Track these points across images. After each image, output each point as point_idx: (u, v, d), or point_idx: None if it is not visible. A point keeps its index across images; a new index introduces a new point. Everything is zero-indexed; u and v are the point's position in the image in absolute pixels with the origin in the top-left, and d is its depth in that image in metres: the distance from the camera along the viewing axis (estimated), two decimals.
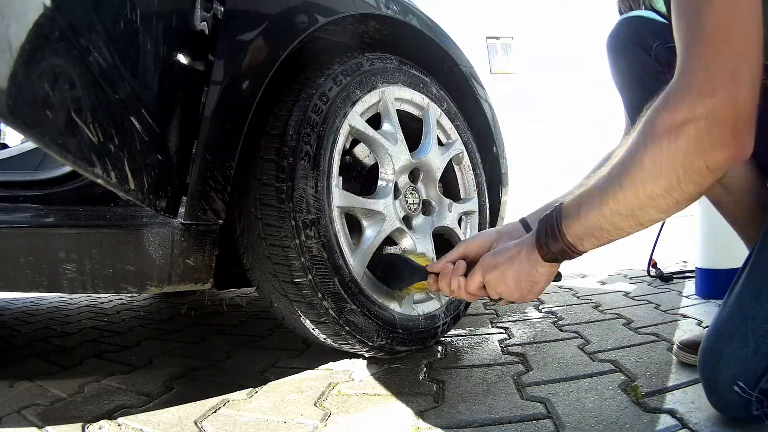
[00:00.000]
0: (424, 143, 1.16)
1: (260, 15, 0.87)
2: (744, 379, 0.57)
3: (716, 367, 0.60)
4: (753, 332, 0.57)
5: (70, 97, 0.54)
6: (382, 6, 1.10)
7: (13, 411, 0.84)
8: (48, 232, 0.78)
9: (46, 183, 0.85)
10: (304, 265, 0.87)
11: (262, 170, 0.89)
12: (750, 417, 0.59)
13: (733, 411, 0.60)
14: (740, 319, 0.59)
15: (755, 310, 0.58)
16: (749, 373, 0.57)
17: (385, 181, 1.06)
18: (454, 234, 1.20)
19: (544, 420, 0.68)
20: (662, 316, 1.19)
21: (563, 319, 1.28)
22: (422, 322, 1.06)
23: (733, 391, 0.58)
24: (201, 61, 0.81)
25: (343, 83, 0.98)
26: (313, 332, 0.95)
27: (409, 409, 0.76)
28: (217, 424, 0.76)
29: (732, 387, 0.58)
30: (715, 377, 0.60)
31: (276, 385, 0.93)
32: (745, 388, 0.57)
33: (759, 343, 0.57)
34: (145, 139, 0.69)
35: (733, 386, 0.58)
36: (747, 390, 0.57)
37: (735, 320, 0.60)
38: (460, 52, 1.35)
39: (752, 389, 0.57)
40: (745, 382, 0.57)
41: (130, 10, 0.65)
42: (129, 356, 1.19)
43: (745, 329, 0.58)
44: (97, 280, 0.77)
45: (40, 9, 0.49)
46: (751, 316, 0.58)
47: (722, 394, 0.59)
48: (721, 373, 0.59)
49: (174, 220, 0.78)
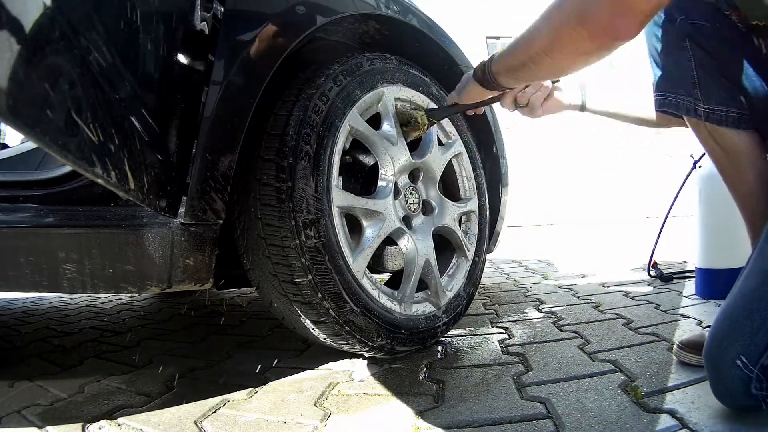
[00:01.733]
0: (424, 143, 1.16)
1: (260, 15, 0.87)
2: (747, 354, 0.59)
3: (723, 342, 0.62)
4: (758, 310, 0.61)
5: (70, 97, 0.54)
6: (382, 6, 1.10)
7: (13, 411, 0.84)
8: (48, 232, 0.78)
9: (46, 183, 0.85)
10: (304, 265, 0.87)
11: (262, 170, 0.89)
12: (748, 399, 0.60)
13: (734, 390, 0.61)
14: (749, 299, 0.62)
15: (761, 292, 0.61)
16: (752, 348, 0.59)
17: (385, 181, 1.06)
18: (455, 234, 1.20)
19: (544, 420, 0.68)
20: (662, 316, 1.19)
21: (563, 319, 1.28)
22: (422, 322, 1.06)
23: (736, 366, 0.60)
24: (201, 61, 0.81)
25: (343, 83, 0.98)
26: (313, 332, 0.95)
27: (409, 409, 0.76)
28: (217, 424, 0.76)
29: (735, 362, 0.60)
30: (721, 353, 0.62)
31: (276, 385, 0.93)
32: (747, 363, 0.59)
33: (763, 321, 0.59)
34: (145, 139, 0.69)
35: (736, 360, 0.60)
36: (749, 365, 0.59)
37: (745, 299, 0.63)
38: (460, 52, 1.35)
39: (754, 365, 0.59)
40: (747, 357, 0.59)
41: (130, 10, 0.65)
42: (129, 356, 1.19)
43: (752, 307, 0.61)
44: (97, 280, 0.77)
45: (40, 9, 0.49)
46: (758, 297, 0.61)
47: (725, 369, 0.61)
48: (726, 348, 0.61)
49: (174, 220, 0.78)
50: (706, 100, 0.80)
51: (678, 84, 0.82)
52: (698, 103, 0.80)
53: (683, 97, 0.82)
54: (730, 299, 0.65)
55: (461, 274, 1.22)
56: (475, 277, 1.26)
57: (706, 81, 0.80)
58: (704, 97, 0.80)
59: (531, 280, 2.08)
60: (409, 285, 1.06)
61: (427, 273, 1.10)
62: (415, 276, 1.07)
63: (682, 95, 0.82)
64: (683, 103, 0.82)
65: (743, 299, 0.63)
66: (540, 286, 1.89)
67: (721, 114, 0.79)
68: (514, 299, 1.63)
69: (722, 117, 0.79)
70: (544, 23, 0.68)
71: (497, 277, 2.26)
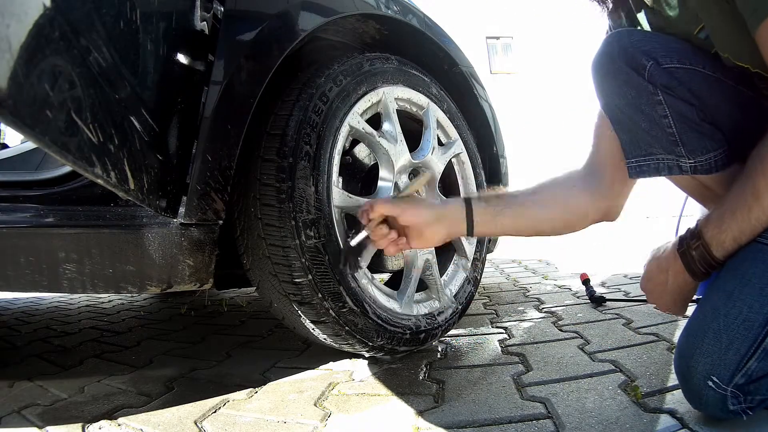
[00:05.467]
0: (424, 143, 1.16)
1: (260, 15, 0.87)
2: (717, 374, 0.58)
3: (690, 362, 0.61)
4: (725, 329, 0.59)
5: (70, 97, 0.54)
6: (382, 6, 1.10)
7: (13, 411, 0.84)
8: (48, 232, 0.78)
9: (46, 183, 0.85)
10: (304, 265, 0.87)
11: (262, 170, 0.89)
12: (727, 413, 0.59)
13: (711, 407, 0.60)
14: (713, 317, 0.61)
15: (727, 309, 0.60)
16: (722, 368, 0.58)
17: (386, 181, 1.06)
18: None
19: (544, 420, 0.68)
20: (662, 316, 1.19)
21: (563, 319, 1.27)
22: (422, 322, 1.06)
23: (708, 386, 0.59)
24: (201, 61, 0.81)
25: (343, 83, 0.98)
26: (313, 332, 0.95)
27: (409, 409, 0.76)
28: (217, 424, 0.76)
29: (706, 382, 0.59)
30: (690, 373, 0.61)
31: (276, 385, 0.93)
32: (719, 383, 0.58)
33: (732, 339, 0.58)
34: (145, 139, 0.69)
35: (708, 381, 0.59)
36: (721, 385, 0.58)
37: (708, 319, 0.61)
38: (460, 52, 1.35)
39: (726, 384, 0.58)
40: (718, 377, 0.58)
41: (130, 9, 0.65)
42: (129, 356, 1.19)
43: (718, 326, 0.60)
44: (97, 280, 0.77)
45: (40, 9, 0.49)
46: (723, 313, 0.60)
47: (698, 389, 0.60)
48: (695, 368, 0.60)
49: (174, 220, 0.78)
50: (690, 154, 0.71)
51: (655, 144, 0.73)
52: (681, 159, 0.72)
53: (662, 156, 0.73)
54: (696, 319, 0.64)
55: (461, 274, 1.22)
56: (475, 277, 1.26)
57: (687, 135, 0.71)
58: (688, 152, 0.71)
59: (531, 280, 2.08)
60: (409, 285, 1.06)
61: (427, 273, 1.10)
62: (415, 276, 1.07)
63: (661, 155, 0.73)
64: (664, 163, 0.73)
65: (708, 318, 0.61)
66: (540, 286, 1.89)
67: (709, 162, 0.71)
68: (514, 299, 1.63)
69: (711, 165, 0.72)
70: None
71: (497, 277, 2.26)
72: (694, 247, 0.66)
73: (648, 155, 0.74)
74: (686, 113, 0.70)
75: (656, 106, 0.70)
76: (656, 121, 0.71)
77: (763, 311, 0.57)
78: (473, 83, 1.39)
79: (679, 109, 0.70)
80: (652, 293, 0.75)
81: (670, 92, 0.69)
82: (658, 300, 0.75)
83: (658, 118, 0.71)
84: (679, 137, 0.71)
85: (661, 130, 0.71)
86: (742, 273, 0.61)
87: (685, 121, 0.70)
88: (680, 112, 0.70)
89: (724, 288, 0.62)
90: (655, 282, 0.74)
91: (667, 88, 0.69)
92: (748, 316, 0.58)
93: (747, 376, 0.58)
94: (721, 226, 0.63)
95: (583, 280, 1.59)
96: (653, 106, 0.70)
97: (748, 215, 0.61)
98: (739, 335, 0.58)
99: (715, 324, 0.60)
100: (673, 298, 0.72)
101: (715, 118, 0.71)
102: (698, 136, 0.71)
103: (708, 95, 0.70)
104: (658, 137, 0.72)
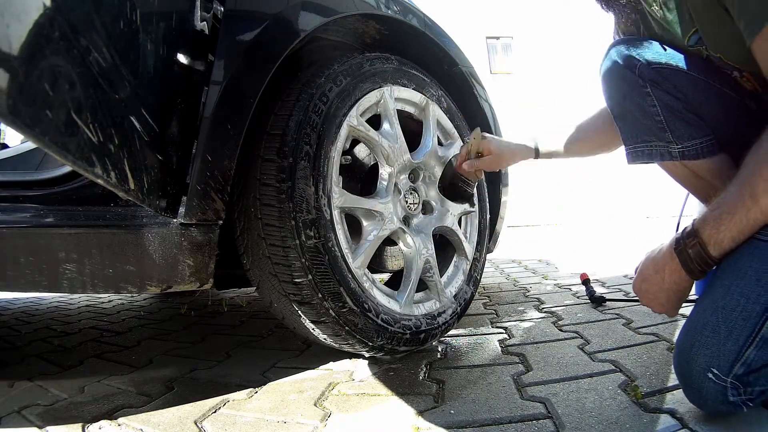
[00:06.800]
0: (424, 143, 1.16)
1: (260, 15, 0.87)
2: (717, 366, 0.59)
3: (690, 355, 0.62)
4: (724, 321, 0.60)
5: (70, 97, 0.54)
6: (382, 6, 1.10)
7: (13, 411, 0.84)
8: (48, 232, 0.78)
9: (46, 183, 0.85)
10: (304, 265, 0.87)
11: (262, 170, 0.89)
12: (728, 405, 0.60)
13: (711, 400, 0.61)
14: (711, 310, 0.62)
15: (725, 301, 0.61)
16: (722, 359, 0.59)
17: (386, 181, 1.06)
18: (455, 234, 1.20)
19: (544, 420, 0.68)
20: (662, 316, 1.19)
21: (563, 319, 1.27)
22: (422, 322, 1.06)
23: (708, 379, 0.59)
24: (201, 61, 0.81)
25: (343, 83, 0.98)
26: (313, 332, 0.95)
27: (409, 409, 0.76)
28: (217, 424, 0.76)
29: (706, 374, 0.60)
30: (690, 366, 0.62)
31: (276, 385, 0.93)
32: (719, 374, 0.59)
33: (730, 330, 0.59)
34: (144, 139, 0.69)
35: (707, 374, 0.59)
36: (721, 377, 0.59)
37: (706, 312, 0.62)
38: (460, 52, 1.35)
39: (726, 375, 0.59)
40: (718, 368, 0.59)
41: (130, 10, 0.65)
42: (129, 356, 1.19)
43: (716, 318, 0.61)
44: (97, 280, 0.77)
45: (40, 9, 0.49)
46: (721, 306, 0.61)
47: (697, 383, 0.61)
48: (694, 361, 0.61)
49: (174, 220, 0.78)
50: (678, 139, 0.80)
51: (647, 132, 0.82)
52: (671, 145, 0.81)
53: (655, 143, 0.82)
54: (694, 314, 0.65)
55: (461, 274, 1.22)
56: (475, 277, 1.26)
57: (674, 123, 0.80)
58: (676, 138, 0.81)
59: (531, 280, 2.08)
60: (409, 285, 1.06)
61: (427, 273, 1.10)
62: (415, 276, 1.07)
63: (653, 142, 0.82)
64: (656, 150, 0.83)
65: (707, 312, 0.62)
66: (540, 286, 1.89)
67: (696, 148, 0.80)
68: (514, 299, 1.63)
69: (698, 150, 0.80)
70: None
71: (497, 277, 2.26)
72: (691, 246, 0.67)
73: (642, 142, 0.84)
74: (672, 104, 0.79)
75: (646, 97, 0.81)
76: (646, 110, 0.81)
77: (761, 301, 0.58)
78: (473, 83, 1.39)
79: (666, 101, 0.80)
80: (647, 293, 0.76)
81: (657, 86, 0.79)
82: (653, 300, 0.76)
83: (647, 107, 0.81)
84: (666, 124, 0.80)
85: (651, 118, 0.81)
86: (739, 267, 0.62)
87: (672, 111, 0.80)
88: (667, 103, 0.80)
89: (722, 283, 0.63)
90: (650, 282, 0.75)
91: (655, 82, 0.80)
92: (746, 306, 0.59)
93: (746, 365, 0.58)
94: (719, 227, 0.64)
95: (583, 280, 1.59)
96: (643, 98, 0.81)
97: (746, 216, 0.62)
98: (738, 325, 0.59)
99: (713, 317, 0.61)
100: (668, 297, 0.73)
101: (699, 112, 0.79)
102: (684, 125, 0.80)
103: (693, 93, 0.79)
104: (649, 125, 0.82)
